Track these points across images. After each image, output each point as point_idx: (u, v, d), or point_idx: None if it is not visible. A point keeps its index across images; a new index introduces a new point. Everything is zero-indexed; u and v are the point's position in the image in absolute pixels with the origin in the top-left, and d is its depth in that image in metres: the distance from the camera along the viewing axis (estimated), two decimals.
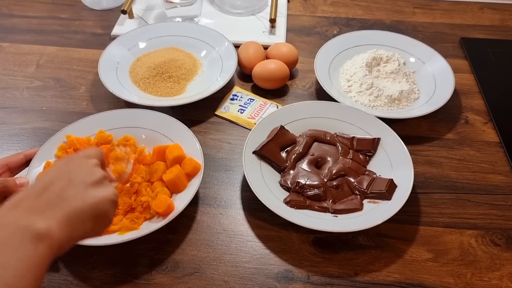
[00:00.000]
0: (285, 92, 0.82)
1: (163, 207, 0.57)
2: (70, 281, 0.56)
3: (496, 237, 0.61)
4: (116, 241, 0.55)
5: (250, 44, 0.83)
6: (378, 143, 0.68)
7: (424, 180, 0.68)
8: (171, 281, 0.56)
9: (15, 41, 0.91)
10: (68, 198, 0.40)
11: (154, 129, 0.68)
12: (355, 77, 0.80)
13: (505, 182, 0.68)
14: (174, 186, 0.61)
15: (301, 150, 0.68)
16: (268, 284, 0.56)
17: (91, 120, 0.68)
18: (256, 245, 0.60)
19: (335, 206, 0.62)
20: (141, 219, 0.58)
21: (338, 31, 0.95)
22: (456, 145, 0.73)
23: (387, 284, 0.56)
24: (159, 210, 0.57)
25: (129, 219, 0.58)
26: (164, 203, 0.57)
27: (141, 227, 0.58)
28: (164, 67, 0.81)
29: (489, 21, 1.00)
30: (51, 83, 0.82)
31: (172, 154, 0.62)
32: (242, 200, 0.65)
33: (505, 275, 0.57)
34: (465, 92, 0.82)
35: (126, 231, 0.57)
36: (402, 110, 0.77)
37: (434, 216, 0.64)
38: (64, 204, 0.40)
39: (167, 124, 0.68)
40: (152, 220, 0.59)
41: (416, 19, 1.00)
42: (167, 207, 0.57)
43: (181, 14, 0.93)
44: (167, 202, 0.57)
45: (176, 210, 0.58)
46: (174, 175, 0.60)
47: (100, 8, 0.99)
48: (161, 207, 0.57)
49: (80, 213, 0.40)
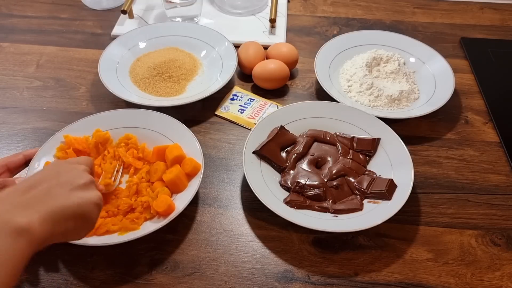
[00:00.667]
0: (285, 92, 0.82)
1: (164, 207, 0.57)
2: (70, 281, 0.56)
3: (496, 237, 0.61)
4: (116, 241, 0.55)
5: (250, 44, 0.83)
6: (378, 143, 0.68)
7: (424, 180, 0.68)
8: (171, 281, 0.56)
9: (15, 41, 0.91)
10: (54, 196, 0.42)
11: (154, 129, 0.68)
12: (355, 77, 0.80)
13: (505, 182, 0.68)
14: (174, 186, 0.61)
15: (301, 150, 0.68)
16: (268, 284, 0.56)
17: (90, 120, 0.68)
18: (256, 245, 0.60)
19: (335, 206, 0.62)
20: (141, 219, 0.58)
21: (338, 31, 0.95)
22: (456, 145, 0.73)
23: (387, 284, 0.56)
24: (159, 210, 0.57)
25: (129, 219, 0.58)
26: (165, 203, 0.57)
27: (141, 227, 0.58)
28: (164, 67, 0.81)
29: (489, 21, 1.00)
30: (51, 83, 0.82)
31: (172, 154, 0.62)
32: (242, 200, 0.65)
33: (505, 275, 0.57)
34: (465, 92, 0.82)
35: (126, 231, 0.57)
36: (402, 110, 0.77)
37: (434, 216, 0.64)
38: (49, 200, 0.41)
39: (167, 124, 0.68)
40: (152, 220, 0.59)
41: (416, 19, 1.00)
42: (167, 207, 0.57)
43: (181, 14, 0.93)
44: (168, 202, 0.57)
45: (176, 210, 0.58)
46: (174, 175, 0.60)
47: (100, 8, 0.99)
48: (161, 207, 0.57)
49: (64, 211, 0.42)
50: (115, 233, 0.57)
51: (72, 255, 0.56)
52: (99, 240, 0.55)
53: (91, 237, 0.55)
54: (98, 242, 0.54)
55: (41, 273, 0.56)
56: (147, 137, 0.68)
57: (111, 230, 0.57)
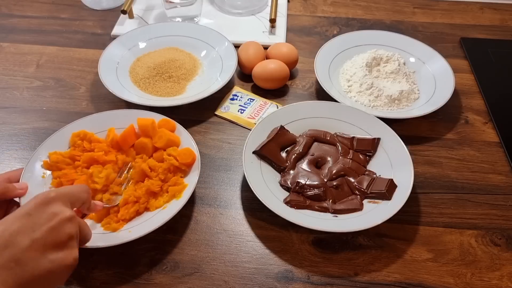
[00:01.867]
0: (285, 92, 0.82)
1: (190, 158, 0.62)
2: (70, 281, 0.56)
3: (496, 237, 0.61)
4: (115, 242, 0.55)
5: (250, 44, 0.83)
6: (378, 143, 0.68)
7: (424, 180, 0.68)
8: (171, 281, 0.56)
9: (15, 41, 0.91)
10: (24, 263, 0.39)
11: None
12: (355, 77, 0.80)
13: (505, 182, 0.68)
14: (183, 156, 0.63)
15: (301, 150, 0.68)
16: (268, 284, 0.56)
17: (90, 121, 0.68)
18: (256, 245, 0.60)
19: (335, 206, 0.62)
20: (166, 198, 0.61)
21: (338, 31, 0.95)
22: (456, 145, 0.73)
23: (387, 284, 0.56)
24: (188, 161, 0.62)
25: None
26: (188, 154, 0.62)
27: (141, 227, 0.58)
28: (164, 67, 0.81)
29: (489, 21, 1.00)
30: (51, 83, 0.82)
31: (161, 140, 0.65)
32: (242, 200, 0.65)
33: (505, 275, 0.57)
34: (465, 92, 0.82)
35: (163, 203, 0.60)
36: (402, 110, 0.77)
37: (434, 216, 0.64)
38: (18, 269, 0.38)
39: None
40: (151, 220, 0.58)
41: (416, 19, 1.00)
42: (191, 158, 0.62)
43: (181, 14, 0.93)
44: (190, 151, 0.63)
45: (175, 208, 0.58)
46: (166, 138, 0.64)
47: (100, 8, 1.00)
48: (187, 158, 0.62)
49: (31, 280, 0.39)
50: (122, 230, 0.57)
51: None
52: (100, 241, 0.55)
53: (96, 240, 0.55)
54: (99, 244, 0.54)
55: None
56: None
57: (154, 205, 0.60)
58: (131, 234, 0.56)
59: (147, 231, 0.56)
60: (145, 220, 0.58)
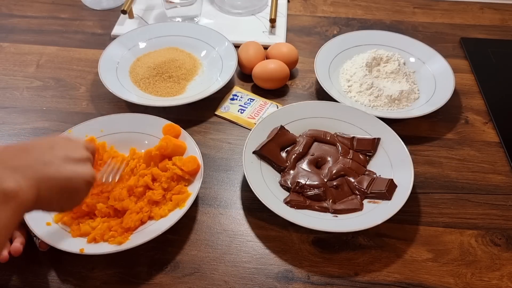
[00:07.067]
0: (285, 92, 0.82)
1: (193, 165, 0.61)
2: (70, 281, 0.56)
3: (496, 237, 0.61)
4: (117, 249, 0.54)
5: (250, 44, 0.83)
6: (378, 143, 0.68)
7: (424, 180, 0.68)
8: (171, 281, 0.56)
9: (15, 41, 0.91)
10: (45, 163, 0.41)
11: (154, 134, 0.67)
12: (355, 77, 0.80)
13: (505, 182, 0.68)
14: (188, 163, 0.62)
15: (301, 150, 0.68)
16: (268, 284, 0.56)
17: (91, 124, 0.68)
18: (256, 245, 0.60)
19: (335, 206, 0.62)
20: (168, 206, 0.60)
21: (338, 31, 0.95)
22: (456, 145, 0.73)
23: (387, 284, 0.56)
24: (191, 168, 0.61)
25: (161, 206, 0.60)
26: (193, 162, 0.62)
27: (143, 226, 0.58)
28: (164, 67, 0.81)
29: (489, 21, 1.00)
30: (51, 83, 0.82)
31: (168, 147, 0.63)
32: (242, 200, 0.65)
33: (505, 275, 0.57)
34: (465, 92, 0.82)
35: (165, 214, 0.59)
36: (402, 110, 0.77)
37: (434, 216, 0.64)
38: (39, 167, 0.40)
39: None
40: (152, 222, 0.58)
41: (416, 19, 1.00)
42: (196, 165, 0.62)
43: (181, 14, 0.93)
44: (195, 159, 0.62)
45: (179, 212, 0.58)
46: (171, 143, 0.63)
47: (100, 8, 0.99)
48: (191, 166, 0.61)
49: (51, 181, 0.41)
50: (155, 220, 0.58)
51: (72, 255, 0.56)
52: (102, 248, 0.55)
53: (100, 244, 0.56)
54: (101, 251, 0.54)
55: (42, 273, 0.56)
56: (140, 141, 0.67)
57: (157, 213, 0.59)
58: (130, 242, 0.56)
59: (150, 237, 0.55)
60: (146, 227, 0.58)
